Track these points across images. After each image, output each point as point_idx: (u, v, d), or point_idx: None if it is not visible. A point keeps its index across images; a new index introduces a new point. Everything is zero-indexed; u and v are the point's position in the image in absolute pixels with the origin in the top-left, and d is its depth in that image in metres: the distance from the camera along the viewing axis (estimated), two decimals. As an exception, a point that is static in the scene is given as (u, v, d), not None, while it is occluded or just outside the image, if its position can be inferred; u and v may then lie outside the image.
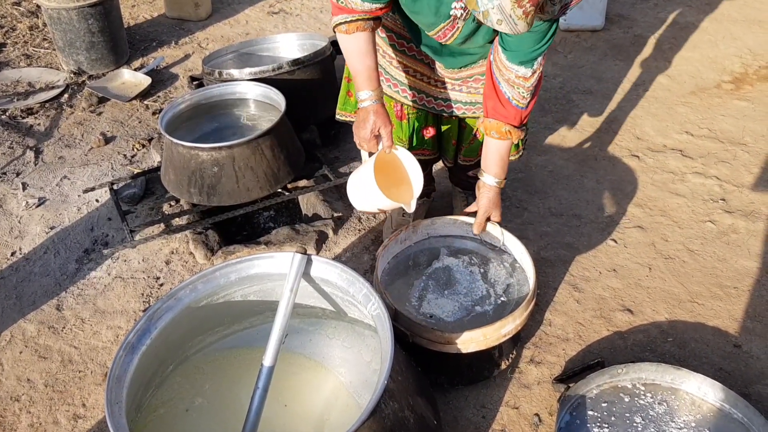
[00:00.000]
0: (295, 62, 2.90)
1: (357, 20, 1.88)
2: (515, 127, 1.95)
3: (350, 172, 2.93)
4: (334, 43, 3.22)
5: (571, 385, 1.94)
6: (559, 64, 3.91)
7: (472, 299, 2.03)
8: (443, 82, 2.20)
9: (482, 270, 2.12)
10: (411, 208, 1.96)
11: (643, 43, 4.09)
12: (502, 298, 2.03)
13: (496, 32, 1.89)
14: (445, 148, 2.43)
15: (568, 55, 4.00)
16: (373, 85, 1.93)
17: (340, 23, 1.90)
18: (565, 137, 3.26)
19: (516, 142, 2.02)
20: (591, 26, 4.22)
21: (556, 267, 2.50)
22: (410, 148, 2.33)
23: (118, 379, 1.52)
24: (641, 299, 2.38)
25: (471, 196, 2.58)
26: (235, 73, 2.86)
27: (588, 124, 3.35)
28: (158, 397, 1.75)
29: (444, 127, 2.38)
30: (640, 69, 3.83)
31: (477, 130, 2.33)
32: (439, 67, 2.16)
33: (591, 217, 2.74)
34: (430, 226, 2.20)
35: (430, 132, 2.34)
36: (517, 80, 1.86)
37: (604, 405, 1.92)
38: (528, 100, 1.91)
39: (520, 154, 2.37)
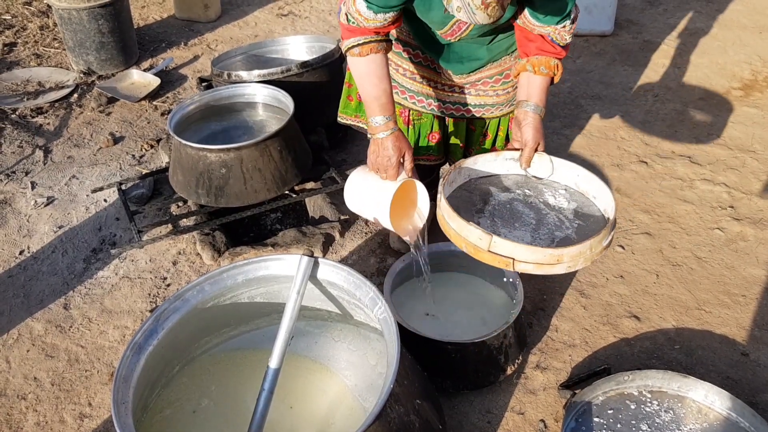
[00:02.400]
0: (304, 65, 2.90)
1: (370, 42, 1.86)
2: (558, 58, 1.94)
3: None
4: (343, 46, 3.23)
5: (577, 391, 1.94)
6: (568, 69, 3.90)
7: (548, 228, 1.87)
8: (451, 86, 2.20)
9: (541, 200, 1.96)
10: (411, 239, 1.97)
11: (652, 48, 4.08)
12: (577, 221, 1.88)
13: (517, 13, 1.89)
14: (453, 150, 2.43)
15: (577, 60, 4.00)
16: (389, 110, 1.90)
17: (353, 46, 1.87)
18: (573, 142, 3.25)
19: (558, 80, 1.98)
20: (600, 31, 4.22)
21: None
22: (415, 153, 2.28)
23: (125, 379, 1.53)
24: (648, 306, 2.37)
25: None
26: (243, 74, 2.87)
27: (596, 129, 3.35)
28: (164, 398, 1.76)
29: (450, 131, 2.38)
30: (649, 74, 3.82)
31: (486, 130, 2.33)
32: (448, 72, 2.16)
33: (598, 222, 2.74)
34: (472, 167, 2.04)
35: (435, 137, 2.34)
36: (555, 32, 1.88)
37: (610, 412, 1.92)
38: (568, 41, 1.92)
39: None
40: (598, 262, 2.54)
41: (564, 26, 1.86)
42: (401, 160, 1.92)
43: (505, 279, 2.22)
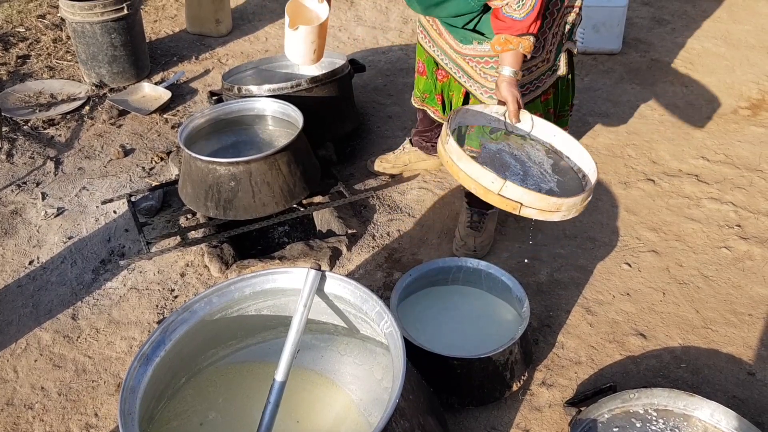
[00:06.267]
0: (314, 80, 2.93)
1: None
2: (513, 35, 2.12)
3: (365, 189, 2.96)
4: (352, 62, 3.26)
5: (582, 408, 1.93)
6: (576, 87, 3.91)
7: (534, 179, 2.03)
8: (457, 51, 2.46)
9: (524, 153, 2.14)
10: (294, 27, 2.49)
11: (659, 67, 4.10)
12: (556, 176, 2.06)
13: None
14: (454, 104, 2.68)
15: (585, 78, 4.01)
16: None
17: None
18: (581, 159, 3.26)
19: (520, 50, 2.13)
20: (608, 50, 4.24)
21: (570, 289, 2.50)
22: (423, 100, 2.82)
23: (132, 390, 1.54)
24: (654, 324, 2.37)
25: (476, 213, 2.65)
26: (253, 89, 2.90)
27: (603, 147, 3.36)
28: (171, 409, 1.77)
29: (451, 91, 2.65)
30: (657, 93, 3.83)
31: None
32: (449, 38, 2.44)
33: (605, 240, 2.74)
34: (464, 115, 2.18)
35: (442, 74, 2.64)
36: (505, 4, 2.11)
37: (615, 430, 1.91)
38: (521, 13, 2.08)
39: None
40: (605, 280, 2.54)
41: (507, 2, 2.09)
42: None
43: (512, 295, 2.22)
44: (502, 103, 2.18)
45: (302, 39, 2.55)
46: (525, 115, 2.17)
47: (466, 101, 2.59)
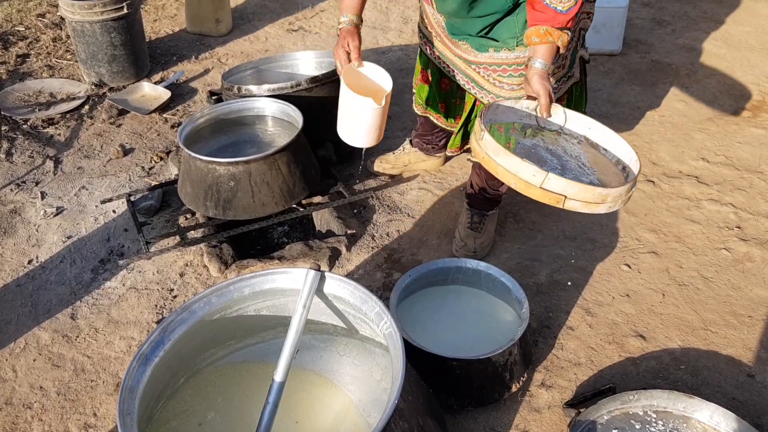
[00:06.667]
0: (313, 80, 2.92)
1: None
2: (554, 27, 1.98)
3: (365, 190, 2.96)
4: (353, 62, 3.25)
5: (581, 410, 1.93)
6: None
7: (573, 173, 1.95)
8: (467, 61, 2.39)
9: (560, 147, 2.05)
10: (381, 103, 2.22)
11: (659, 68, 4.10)
12: (595, 169, 1.98)
13: None
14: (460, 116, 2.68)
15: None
16: (354, 12, 2.29)
17: None
18: (580, 160, 3.26)
19: (558, 43, 2.01)
20: (608, 50, 4.24)
21: (569, 290, 2.50)
22: (426, 107, 2.80)
23: (131, 390, 1.54)
24: (654, 325, 2.36)
25: (476, 214, 2.65)
26: (253, 89, 2.90)
27: (603, 148, 3.35)
28: (170, 409, 1.76)
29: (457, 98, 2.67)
30: (657, 94, 3.83)
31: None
32: (462, 47, 2.35)
33: (605, 241, 2.74)
34: (495, 111, 2.09)
35: (445, 82, 2.64)
36: None
37: (614, 431, 1.91)
38: (565, 5, 1.95)
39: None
40: (605, 281, 2.54)
41: None
42: (348, 49, 2.27)
43: (512, 296, 2.22)
44: (531, 98, 2.06)
45: (380, 115, 2.26)
46: (557, 108, 2.08)
47: (471, 107, 2.58)
